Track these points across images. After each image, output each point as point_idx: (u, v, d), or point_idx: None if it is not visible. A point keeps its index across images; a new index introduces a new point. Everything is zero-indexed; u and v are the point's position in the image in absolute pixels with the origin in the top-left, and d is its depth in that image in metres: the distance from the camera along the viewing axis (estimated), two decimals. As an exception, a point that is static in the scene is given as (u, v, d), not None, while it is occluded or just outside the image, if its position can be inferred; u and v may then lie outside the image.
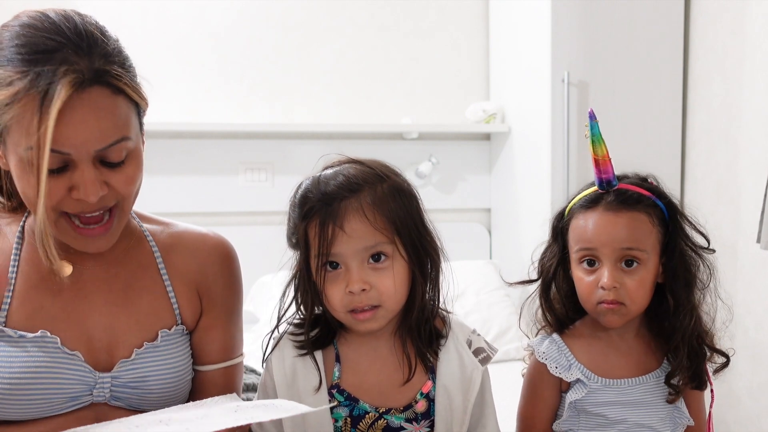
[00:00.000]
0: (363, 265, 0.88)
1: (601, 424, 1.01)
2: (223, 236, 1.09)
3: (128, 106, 0.87)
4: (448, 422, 0.94)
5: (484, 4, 2.84)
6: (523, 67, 2.57)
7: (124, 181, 0.88)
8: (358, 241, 0.87)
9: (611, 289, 0.96)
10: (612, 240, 0.97)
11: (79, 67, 0.81)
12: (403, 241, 0.90)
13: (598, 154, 1.01)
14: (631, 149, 2.42)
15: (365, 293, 0.88)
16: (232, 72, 2.67)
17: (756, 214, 1.92)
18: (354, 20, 2.75)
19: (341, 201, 0.88)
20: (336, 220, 0.87)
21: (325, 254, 0.88)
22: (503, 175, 2.77)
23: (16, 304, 0.91)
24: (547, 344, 1.04)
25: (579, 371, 1.01)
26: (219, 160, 2.63)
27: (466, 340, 0.97)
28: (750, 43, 2.17)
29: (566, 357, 1.02)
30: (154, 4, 2.56)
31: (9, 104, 0.80)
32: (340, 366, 0.95)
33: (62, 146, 0.81)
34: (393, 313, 0.92)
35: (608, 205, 0.99)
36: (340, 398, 0.94)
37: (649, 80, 2.43)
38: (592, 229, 0.99)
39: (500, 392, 1.03)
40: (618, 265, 0.97)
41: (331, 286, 0.89)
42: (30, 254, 0.94)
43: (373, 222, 0.87)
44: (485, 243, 2.87)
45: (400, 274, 0.90)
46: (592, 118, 1.02)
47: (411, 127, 2.69)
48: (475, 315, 2.31)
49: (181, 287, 1.01)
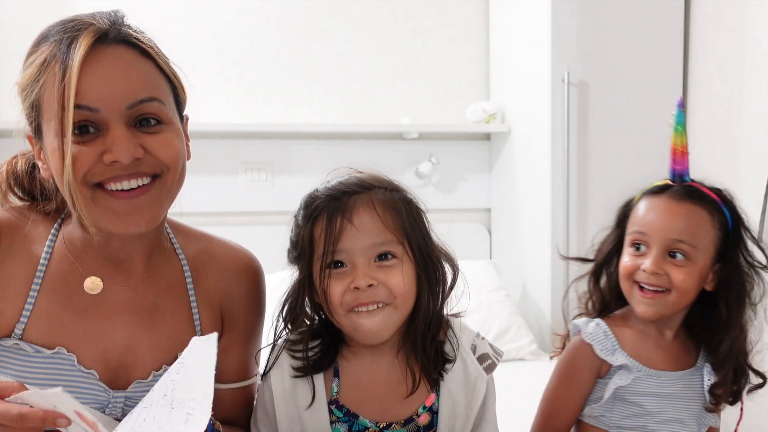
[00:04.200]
0: (370, 263, 0.85)
1: (636, 414, 1.00)
2: (253, 255, 1.06)
3: (160, 77, 0.86)
4: (450, 429, 0.91)
5: (484, 4, 2.84)
6: (523, 67, 2.57)
7: (161, 144, 0.84)
8: (367, 237, 0.84)
9: (653, 274, 0.96)
10: (665, 227, 0.97)
11: (102, 26, 0.81)
12: (412, 247, 0.87)
13: (678, 143, 1.01)
14: (631, 149, 2.42)
15: (372, 290, 0.84)
16: (232, 72, 2.67)
17: (756, 214, 1.92)
18: (354, 20, 2.75)
19: (351, 195, 0.86)
20: (345, 213, 0.84)
21: (332, 251, 0.84)
22: (503, 175, 2.77)
23: (35, 318, 0.87)
24: (593, 326, 1.02)
25: (623, 357, 1.00)
26: (219, 160, 2.63)
27: (470, 345, 0.94)
28: (750, 43, 2.17)
29: (611, 341, 1.01)
30: (154, 4, 2.56)
31: (38, 76, 0.80)
32: (338, 381, 0.92)
33: (89, 100, 0.79)
34: (401, 316, 0.87)
35: (672, 194, 0.99)
36: (339, 414, 0.90)
37: (649, 80, 2.43)
38: (649, 214, 0.99)
39: (500, 392, 1.02)
40: (665, 254, 0.97)
41: (333, 283, 0.85)
42: (59, 269, 0.90)
43: (383, 218, 0.85)
44: (485, 243, 2.87)
45: (408, 275, 0.87)
46: (680, 106, 1.01)
47: (411, 127, 2.69)
48: (475, 315, 2.31)
49: (206, 309, 0.97)
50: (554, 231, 2.41)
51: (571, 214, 2.40)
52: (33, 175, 0.94)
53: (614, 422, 1.01)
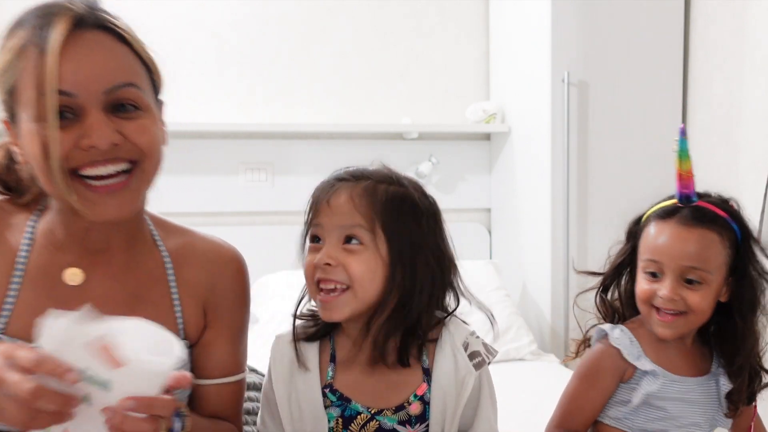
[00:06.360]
0: (337, 244, 0.90)
1: (660, 418, 1.02)
2: (236, 249, 1.05)
3: (136, 62, 0.86)
4: (441, 424, 0.93)
5: (484, 4, 2.84)
6: (523, 67, 2.57)
7: (138, 130, 0.84)
8: (338, 218, 0.90)
9: (669, 301, 0.98)
10: (678, 255, 0.98)
11: (79, 10, 0.81)
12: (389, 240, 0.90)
13: (683, 169, 1.02)
14: (631, 149, 2.43)
15: (331, 269, 0.88)
16: (232, 72, 2.67)
17: (756, 214, 1.93)
18: (354, 20, 2.75)
19: (342, 181, 0.92)
20: (326, 195, 0.91)
21: (309, 223, 0.92)
22: (503, 175, 2.77)
23: (19, 311, 0.86)
24: (618, 332, 1.05)
25: (649, 363, 1.02)
26: (219, 160, 2.63)
27: (462, 342, 0.96)
28: (750, 43, 2.17)
29: (636, 348, 1.04)
30: (154, 4, 2.56)
31: (14, 61, 0.80)
32: (334, 366, 0.95)
33: (67, 85, 0.79)
34: (362, 303, 0.90)
35: (682, 219, 1.00)
36: (332, 398, 0.93)
37: (649, 80, 2.43)
38: (661, 242, 1.00)
39: (500, 392, 1.03)
40: (680, 280, 0.99)
41: (308, 256, 0.92)
42: (40, 259, 0.89)
43: (357, 204, 0.90)
44: (485, 243, 2.87)
45: (371, 264, 0.89)
46: (682, 134, 1.03)
47: (411, 127, 2.69)
48: (475, 315, 2.29)
49: (189, 301, 0.97)
50: (554, 231, 2.41)
51: (570, 214, 2.40)
52: (11, 168, 0.93)
53: (638, 425, 1.03)
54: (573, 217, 2.40)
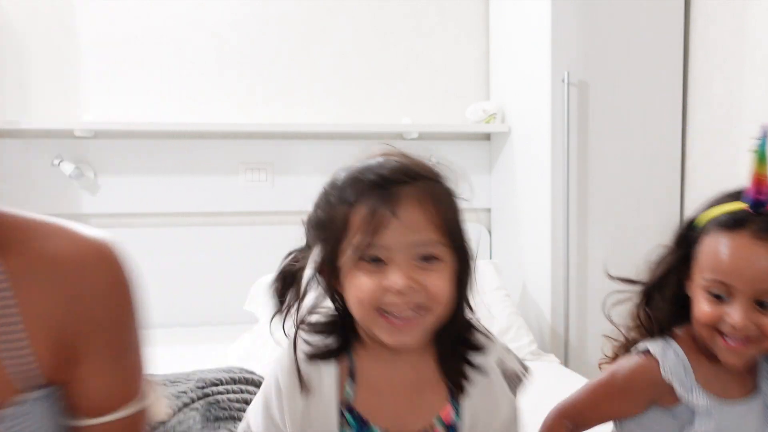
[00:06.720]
0: (411, 262, 0.76)
1: None
2: (103, 239, 0.73)
3: None
4: None
5: (484, 4, 2.84)
6: (523, 67, 2.57)
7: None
8: (412, 234, 0.75)
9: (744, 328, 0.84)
10: (753, 277, 0.84)
11: None
12: (454, 248, 0.80)
13: (761, 171, 0.90)
14: (631, 149, 2.43)
15: (411, 291, 0.75)
16: (232, 72, 2.67)
17: (756, 214, 1.92)
18: (354, 20, 2.75)
19: (399, 185, 0.77)
20: (391, 206, 0.75)
21: (370, 244, 0.75)
22: (503, 175, 2.77)
23: None
24: (672, 356, 0.91)
25: (703, 398, 0.90)
26: (219, 160, 2.63)
27: (496, 359, 0.84)
28: (750, 43, 2.17)
29: (690, 377, 0.91)
30: (154, 4, 2.56)
31: None
32: (354, 384, 0.84)
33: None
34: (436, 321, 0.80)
35: (756, 233, 0.85)
36: (350, 419, 0.83)
37: (649, 80, 2.43)
38: (731, 260, 0.85)
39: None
40: (752, 302, 0.85)
41: (365, 276, 0.76)
42: None
43: (431, 216, 0.77)
44: (485, 243, 2.87)
45: (447, 279, 0.78)
46: (765, 135, 0.91)
47: (411, 127, 2.70)
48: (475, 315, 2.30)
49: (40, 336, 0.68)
50: (554, 231, 2.41)
51: (571, 214, 2.40)
52: None
53: None
54: (573, 217, 2.40)
